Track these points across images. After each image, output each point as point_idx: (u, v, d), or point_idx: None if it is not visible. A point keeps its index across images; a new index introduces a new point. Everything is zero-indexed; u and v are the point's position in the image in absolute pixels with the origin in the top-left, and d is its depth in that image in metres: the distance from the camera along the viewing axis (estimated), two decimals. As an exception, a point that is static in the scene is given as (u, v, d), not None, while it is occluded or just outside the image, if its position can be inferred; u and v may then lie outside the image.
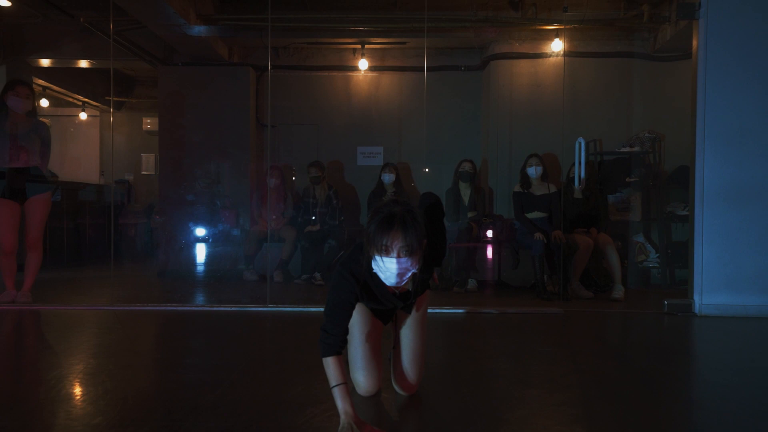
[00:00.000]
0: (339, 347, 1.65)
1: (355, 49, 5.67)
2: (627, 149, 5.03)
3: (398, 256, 1.58)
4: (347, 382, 1.63)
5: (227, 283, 5.02)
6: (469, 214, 4.94)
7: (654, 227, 5.12)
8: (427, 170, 5.59)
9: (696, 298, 3.52)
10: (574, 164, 4.54)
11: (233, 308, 3.66)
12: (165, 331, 3.16)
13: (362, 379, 1.85)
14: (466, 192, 5.00)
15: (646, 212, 5.10)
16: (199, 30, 4.66)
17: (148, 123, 8.07)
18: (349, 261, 1.73)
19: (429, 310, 2.29)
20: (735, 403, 1.91)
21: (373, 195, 5.23)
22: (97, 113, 8.25)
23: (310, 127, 5.72)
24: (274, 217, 5.25)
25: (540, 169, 4.55)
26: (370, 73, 5.76)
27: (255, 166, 5.65)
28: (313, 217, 5.22)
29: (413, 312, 1.91)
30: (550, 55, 5.13)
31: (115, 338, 2.88)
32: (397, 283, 1.64)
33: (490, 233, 4.78)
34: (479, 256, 4.84)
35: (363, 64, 5.54)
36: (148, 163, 8.31)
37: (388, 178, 5.17)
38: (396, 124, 5.79)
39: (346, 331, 1.69)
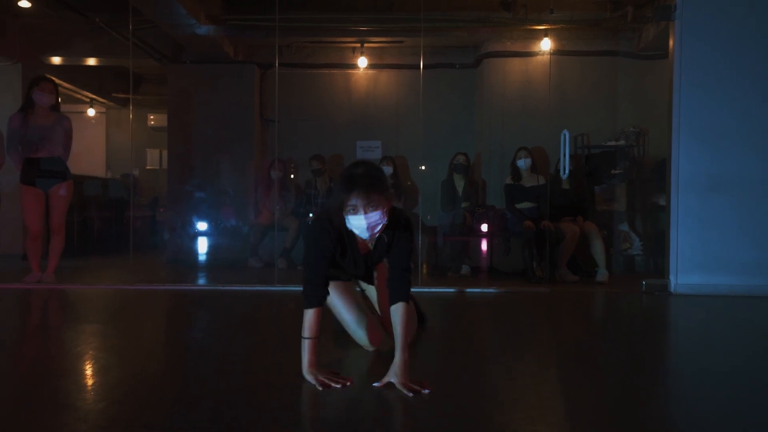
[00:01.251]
0: (322, 298, 1.84)
1: (354, 48, 5.92)
2: (613, 143, 5.31)
3: (365, 212, 1.74)
4: (318, 337, 1.82)
5: (233, 269, 5.29)
6: (463, 205, 5.22)
7: (638, 217, 5.41)
8: (423, 168, 5.86)
9: (672, 278, 3.81)
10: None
11: (244, 288, 3.94)
12: (182, 307, 3.43)
13: (363, 334, 2.11)
14: (460, 183, 5.28)
15: (630, 203, 5.39)
16: (207, 29, 4.91)
17: (153, 119, 8.32)
18: (324, 217, 1.87)
19: (425, 290, 2.56)
20: (706, 368, 2.20)
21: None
22: (104, 110, 8.49)
23: (311, 123, 5.97)
24: (278, 207, 5.52)
25: (529, 161, 4.84)
26: (368, 71, 6.02)
27: (259, 160, 5.91)
28: (315, 208, 5.49)
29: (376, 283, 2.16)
30: (539, 54, 5.41)
31: (135, 315, 3.15)
32: (371, 235, 1.81)
33: (484, 227, 5.05)
34: (472, 244, 5.12)
35: (362, 62, 5.80)
36: (153, 158, 8.55)
37: (386, 170, 5.44)
38: (393, 119, 6.06)
39: (327, 282, 1.87)
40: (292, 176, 5.91)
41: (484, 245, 5.18)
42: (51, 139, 3.74)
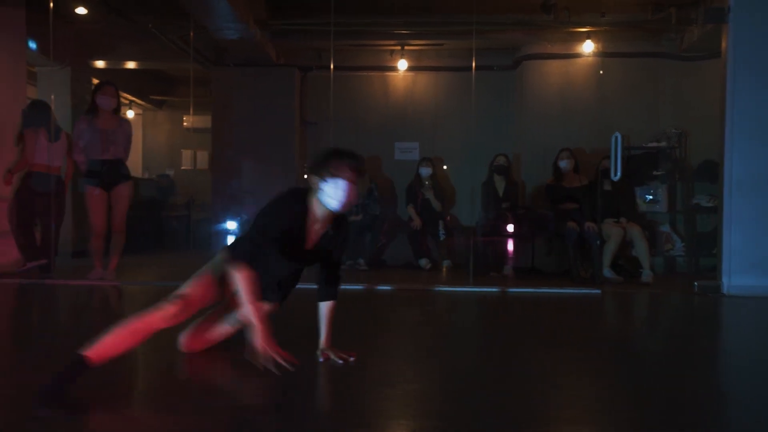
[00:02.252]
0: (252, 262, 1.80)
1: (392, 51, 6.00)
2: (654, 144, 5.31)
3: (353, 183, 1.82)
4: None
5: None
6: (504, 205, 5.26)
7: (679, 218, 5.40)
8: (445, 167, 5.91)
9: (724, 279, 3.81)
10: (604, 158, 4.85)
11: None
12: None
13: (185, 332, 2.06)
14: (500, 184, 5.32)
15: (672, 204, 5.38)
16: (253, 33, 5.02)
17: (187, 121, 8.49)
18: (299, 195, 1.88)
19: (464, 289, 2.57)
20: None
21: (410, 187, 5.57)
22: (141, 111, 8.69)
23: (350, 124, 6.06)
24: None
25: (571, 162, 4.86)
26: (406, 73, 6.09)
27: (299, 162, 6.01)
28: (354, 209, 5.57)
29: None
30: (581, 56, 5.43)
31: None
32: (343, 206, 1.84)
33: (510, 227, 5.06)
34: (514, 244, 5.15)
35: (402, 64, 5.87)
36: (187, 158, 8.72)
37: (426, 171, 5.51)
38: (430, 120, 6.12)
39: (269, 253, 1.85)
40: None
41: (525, 246, 5.21)
42: (114, 142, 3.87)
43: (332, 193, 1.83)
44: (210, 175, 6.53)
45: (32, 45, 5.38)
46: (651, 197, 5.32)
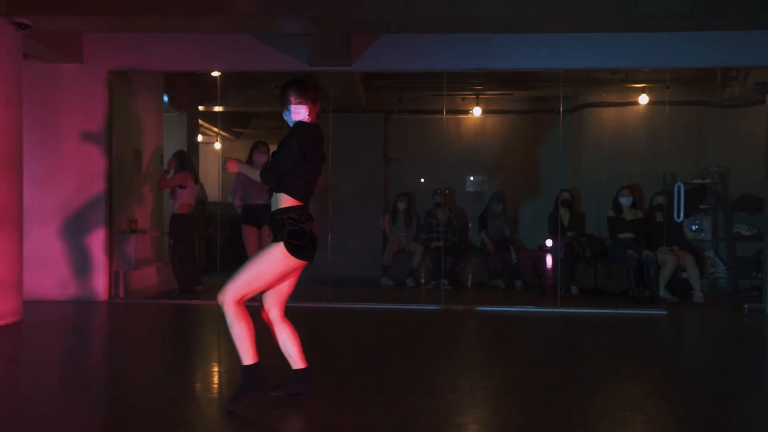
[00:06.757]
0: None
1: (464, 97, 6.89)
2: (699, 181, 6.13)
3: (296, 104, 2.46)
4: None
5: (369, 287, 6.26)
6: (569, 234, 6.11)
7: (721, 245, 6.20)
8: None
9: (768, 303, 4.63)
10: (656, 194, 5.72)
11: (403, 306, 4.93)
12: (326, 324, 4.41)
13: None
14: (565, 216, 6.17)
15: (714, 233, 6.18)
16: (360, 92, 5.94)
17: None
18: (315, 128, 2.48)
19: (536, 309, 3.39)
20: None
21: (482, 216, 6.46)
22: (222, 142, 9.68)
23: (426, 160, 6.95)
24: (404, 234, 6.51)
25: (631, 199, 5.72)
26: (476, 116, 6.98)
27: (385, 193, 6.92)
28: (436, 235, 6.46)
29: None
30: (635, 104, 6.28)
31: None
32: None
33: (589, 253, 5.91)
34: (579, 268, 5.99)
35: (477, 111, 6.77)
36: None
37: (498, 208, 6.37)
38: (498, 157, 7.00)
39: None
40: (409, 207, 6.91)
41: (588, 269, 6.05)
42: (262, 190, 4.80)
43: (288, 118, 2.53)
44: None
45: (165, 98, 6.36)
46: (696, 227, 6.14)
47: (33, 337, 3.86)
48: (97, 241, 5.03)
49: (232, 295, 2.35)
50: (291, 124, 2.50)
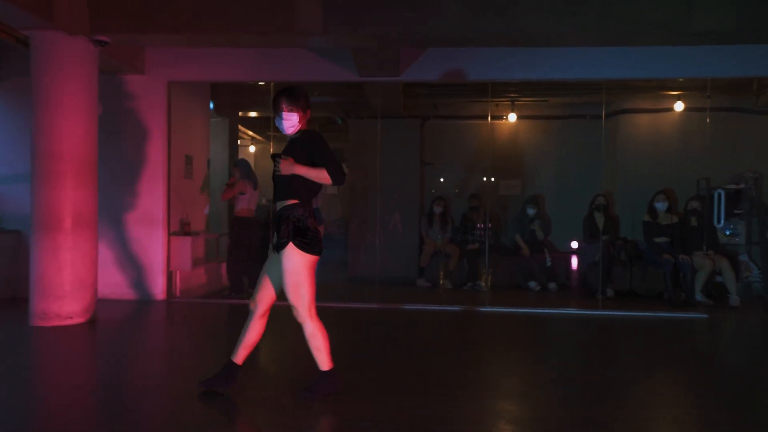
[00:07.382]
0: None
1: (498, 103, 7.05)
2: (734, 186, 6.23)
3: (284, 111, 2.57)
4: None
5: (408, 288, 6.46)
6: (604, 237, 6.25)
7: (755, 249, 6.30)
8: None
9: (807, 306, 4.74)
10: (690, 198, 5.84)
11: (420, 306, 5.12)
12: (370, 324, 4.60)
13: None
14: (600, 220, 6.31)
15: (748, 237, 6.28)
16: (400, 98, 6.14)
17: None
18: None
19: (575, 311, 3.58)
20: None
21: (515, 219, 6.62)
22: (257, 145, 9.96)
23: (462, 164, 7.14)
24: (440, 237, 6.69)
25: (666, 204, 5.84)
26: (511, 121, 7.14)
27: (422, 197, 7.11)
28: (472, 238, 6.63)
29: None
30: (671, 110, 6.40)
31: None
32: (285, 131, 2.61)
33: (623, 256, 6.06)
34: (614, 270, 6.13)
35: (512, 117, 6.93)
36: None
37: (531, 211, 6.53)
38: (531, 161, 7.16)
39: None
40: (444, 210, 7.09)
41: (624, 272, 6.18)
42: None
43: (279, 125, 2.64)
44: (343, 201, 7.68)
45: (211, 105, 6.62)
46: (730, 231, 6.24)
47: (108, 333, 4.11)
48: (156, 243, 5.29)
49: (303, 312, 2.59)
50: (283, 131, 2.66)
